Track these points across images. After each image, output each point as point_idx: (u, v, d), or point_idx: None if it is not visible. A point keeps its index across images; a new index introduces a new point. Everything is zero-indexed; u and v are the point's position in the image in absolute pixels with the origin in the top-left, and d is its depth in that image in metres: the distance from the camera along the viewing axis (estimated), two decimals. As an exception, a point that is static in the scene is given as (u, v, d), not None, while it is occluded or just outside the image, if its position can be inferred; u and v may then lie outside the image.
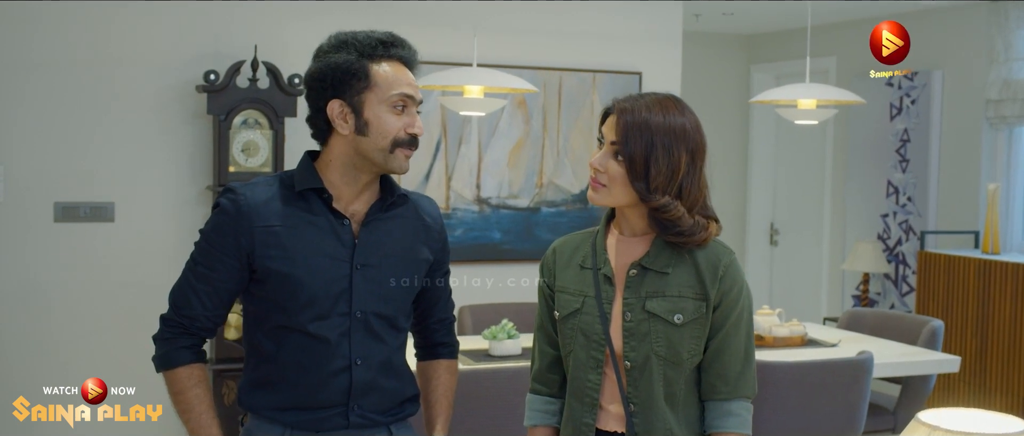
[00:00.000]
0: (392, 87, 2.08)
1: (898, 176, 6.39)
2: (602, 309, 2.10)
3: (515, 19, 5.47)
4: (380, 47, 2.11)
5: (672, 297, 2.07)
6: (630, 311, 2.08)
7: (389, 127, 2.08)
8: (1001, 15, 5.72)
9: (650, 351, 2.06)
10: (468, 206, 5.41)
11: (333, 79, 2.09)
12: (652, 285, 2.09)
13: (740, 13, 6.67)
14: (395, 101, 2.08)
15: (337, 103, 2.08)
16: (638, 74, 5.70)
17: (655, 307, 2.07)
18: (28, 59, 4.71)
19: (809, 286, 7.27)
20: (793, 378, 3.71)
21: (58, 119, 4.77)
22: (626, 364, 2.08)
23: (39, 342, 4.79)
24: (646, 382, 2.06)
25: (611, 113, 2.10)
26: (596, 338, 2.10)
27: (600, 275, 2.12)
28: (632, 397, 2.08)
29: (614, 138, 2.06)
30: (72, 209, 4.79)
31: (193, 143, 4.93)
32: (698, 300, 2.07)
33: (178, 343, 2.18)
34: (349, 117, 2.08)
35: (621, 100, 2.11)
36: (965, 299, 5.55)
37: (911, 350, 4.40)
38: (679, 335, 2.06)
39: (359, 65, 2.08)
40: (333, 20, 5.13)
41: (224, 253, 2.10)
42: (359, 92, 2.08)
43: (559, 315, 2.17)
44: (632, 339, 2.08)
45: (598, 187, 2.09)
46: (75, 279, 4.81)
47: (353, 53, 2.10)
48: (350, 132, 2.09)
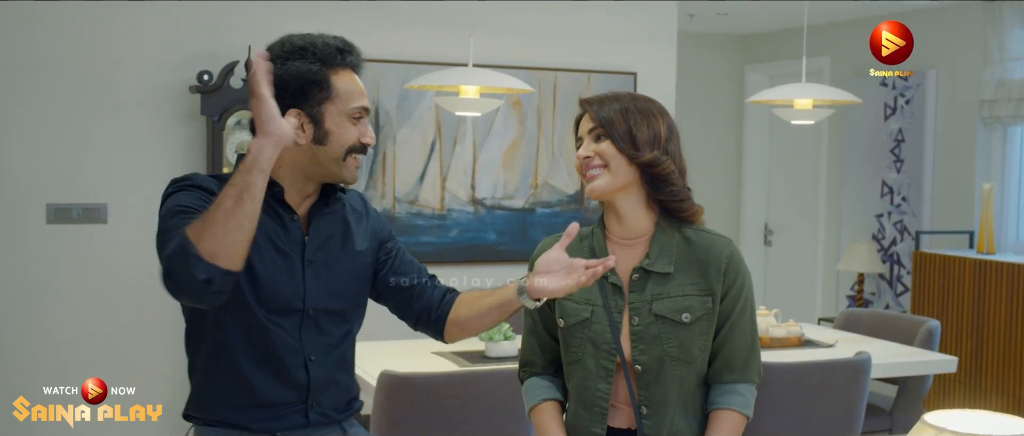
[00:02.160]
0: (352, 99, 2.07)
1: (893, 176, 6.39)
2: (611, 318, 2.08)
3: (510, 19, 5.45)
4: (339, 55, 2.08)
5: (677, 297, 2.08)
6: (637, 315, 2.08)
7: (347, 137, 2.06)
8: (996, 15, 5.72)
9: (662, 353, 2.07)
10: (463, 207, 5.39)
11: (294, 88, 2.03)
12: (656, 287, 2.09)
13: (734, 13, 6.66)
14: (354, 113, 2.07)
15: (296, 112, 2.04)
16: (633, 74, 5.69)
17: (662, 309, 2.07)
18: (20, 60, 4.68)
19: (804, 287, 7.26)
20: (791, 379, 3.70)
21: (51, 120, 4.73)
22: (636, 368, 2.07)
23: (33, 344, 4.76)
24: (659, 385, 2.07)
25: (582, 113, 2.19)
26: (607, 347, 2.09)
27: (607, 284, 2.10)
28: (644, 400, 2.08)
29: (591, 125, 2.14)
30: (65, 211, 4.76)
31: (186, 144, 4.91)
32: (704, 296, 2.09)
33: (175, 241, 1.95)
34: (308, 127, 2.05)
35: (583, 97, 2.21)
36: (960, 299, 5.55)
37: (908, 350, 4.39)
38: (689, 333, 2.07)
39: (322, 75, 2.05)
40: (327, 20, 5.11)
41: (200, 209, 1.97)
42: (320, 102, 2.04)
43: (565, 323, 2.13)
44: (641, 343, 2.07)
45: (595, 174, 2.12)
46: (69, 281, 4.79)
47: (315, 62, 2.06)
48: (308, 141, 2.05)
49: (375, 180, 5.23)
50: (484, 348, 4.06)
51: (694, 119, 7.26)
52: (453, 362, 3.92)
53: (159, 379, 4.96)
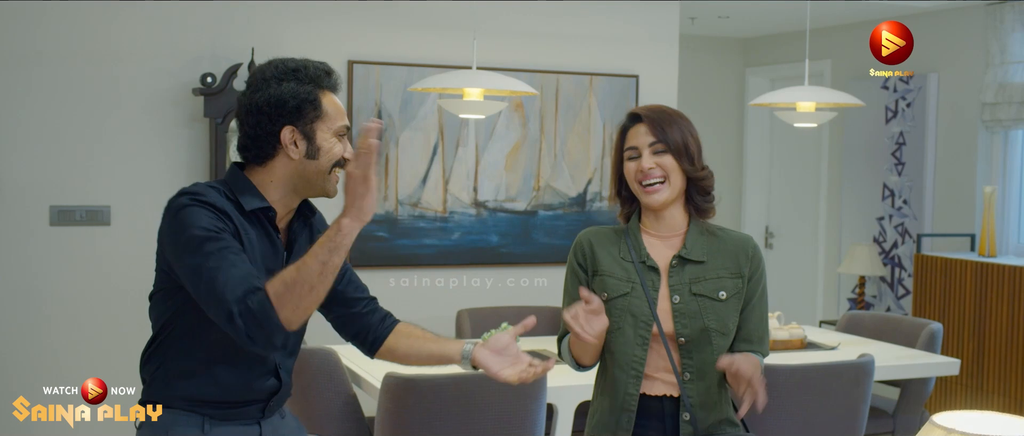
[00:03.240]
0: (338, 118, 2.24)
1: (894, 179, 6.39)
2: (648, 293, 2.43)
3: (513, 22, 5.46)
4: (326, 78, 2.25)
5: (712, 279, 2.44)
6: (678, 294, 2.43)
7: (334, 152, 2.23)
8: (996, 18, 5.73)
9: (704, 325, 2.42)
10: (465, 209, 5.39)
11: (291, 107, 2.19)
12: (692, 273, 2.45)
13: (736, 16, 6.67)
14: (340, 130, 2.25)
15: (291, 130, 2.20)
16: (635, 77, 5.70)
17: (700, 289, 2.44)
18: (24, 63, 4.69)
19: (805, 289, 7.27)
20: (794, 381, 3.70)
21: (54, 122, 4.74)
22: (680, 340, 2.42)
23: (36, 345, 4.77)
24: (702, 353, 2.41)
25: (635, 124, 2.47)
26: (644, 318, 2.42)
27: (645, 266, 2.45)
28: (687, 367, 2.42)
29: (652, 139, 2.44)
30: (68, 213, 4.77)
31: (189, 146, 4.91)
32: (735, 278, 2.46)
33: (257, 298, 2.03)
34: (301, 143, 2.21)
35: (637, 111, 2.49)
36: (962, 302, 5.56)
37: (911, 353, 4.40)
38: (725, 308, 2.43)
39: (314, 96, 2.21)
40: (330, 23, 5.13)
41: (228, 231, 2.12)
42: (312, 121, 2.21)
43: (608, 296, 2.44)
44: (683, 318, 2.42)
45: (657, 187, 2.43)
46: (72, 282, 4.79)
47: (308, 83, 2.22)
48: (300, 156, 2.21)
49: (378, 182, 5.22)
50: (487, 350, 4.06)
51: (695, 122, 7.18)
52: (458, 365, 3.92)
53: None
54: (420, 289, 5.35)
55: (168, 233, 2.16)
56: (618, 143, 2.51)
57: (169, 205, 2.18)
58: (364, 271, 5.22)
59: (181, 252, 2.11)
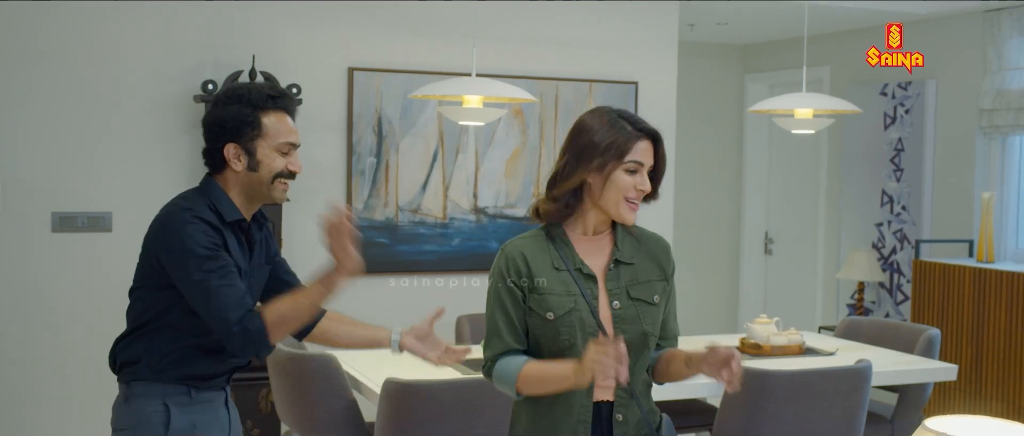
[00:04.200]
0: (280, 136, 2.56)
1: (892, 185, 6.41)
2: (590, 303, 2.36)
3: (513, 29, 5.49)
4: (269, 100, 2.57)
5: (644, 282, 2.42)
6: (617, 300, 2.38)
7: (275, 165, 2.56)
8: (994, 25, 5.76)
9: (642, 329, 2.39)
10: (465, 216, 5.42)
11: (231, 127, 2.54)
12: (627, 275, 2.40)
13: (735, 23, 6.69)
14: (282, 147, 2.57)
15: (232, 146, 2.55)
16: (634, 83, 5.73)
17: (638, 293, 2.40)
18: (25, 68, 4.71)
19: (804, 295, 7.29)
20: (792, 387, 3.72)
21: (55, 129, 4.76)
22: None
23: (37, 351, 4.79)
24: (636, 357, 2.38)
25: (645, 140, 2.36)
26: (591, 329, 2.34)
27: (581, 274, 2.37)
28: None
29: (653, 162, 2.38)
30: (70, 219, 4.79)
31: (191, 153, 4.93)
32: (662, 281, 2.45)
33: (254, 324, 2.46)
34: (242, 157, 2.55)
35: (651, 128, 2.39)
36: (960, 308, 5.57)
37: (908, 358, 4.41)
38: (657, 312, 2.42)
39: (252, 117, 2.54)
40: (331, 31, 5.15)
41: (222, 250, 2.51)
42: (252, 138, 2.54)
43: (554, 315, 2.34)
44: (623, 323, 2.37)
45: (638, 206, 2.38)
46: (73, 289, 4.81)
47: (247, 105, 2.55)
48: (243, 169, 2.56)
49: (378, 189, 5.25)
50: (487, 356, 4.08)
51: (694, 128, 7.29)
52: (456, 370, 3.94)
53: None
54: (420, 295, 5.37)
55: (165, 243, 2.53)
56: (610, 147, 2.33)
57: (168, 217, 2.56)
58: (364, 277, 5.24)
59: (182, 265, 2.48)
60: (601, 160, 2.33)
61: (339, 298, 2.74)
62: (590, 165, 2.33)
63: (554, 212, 2.39)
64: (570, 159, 2.36)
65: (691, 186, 7.32)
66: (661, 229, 5.76)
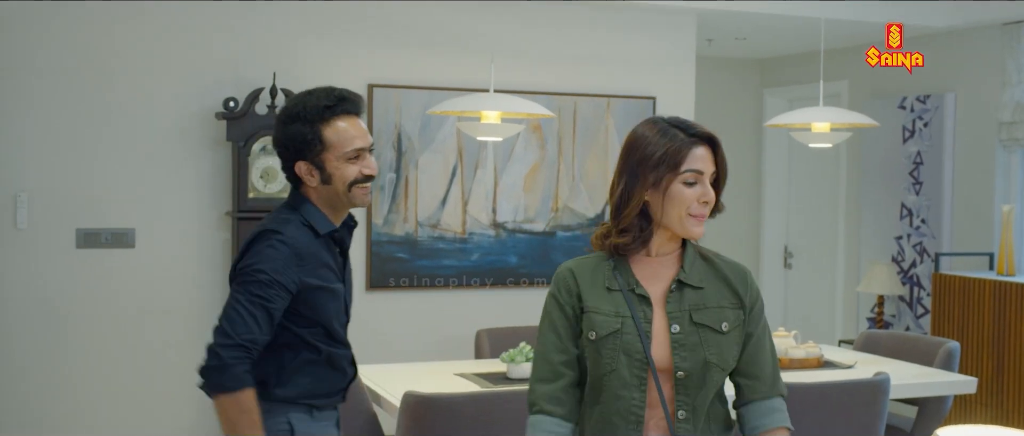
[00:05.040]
0: (344, 145, 2.53)
1: (912, 198, 6.40)
2: (641, 327, 2.15)
3: (531, 45, 5.52)
4: (326, 112, 2.53)
5: (713, 308, 2.18)
6: (677, 323, 2.16)
7: (347, 175, 2.54)
8: (1013, 38, 5.75)
9: (705, 359, 2.15)
10: (484, 230, 5.45)
11: (295, 146, 2.54)
12: (692, 299, 2.18)
13: (752, 38, 6.71)
14: (350, 155, 2.53)
15: (303, 164, 2.55)
16: (652, 99, 5.75)
17: (702, 318, 2.17)
18: (50, 87, 4.79)
19: (824, 309, 7.28)
20: (810, 400, 3.72)
21: (80, 146, 4.83)
22: (678, 374, 2.14)
23: (62, 365, 4.84)
24: (698, 389, 2.15)
25: (701, 145, 2.18)
26: (639, 356, 2.14)
27: (635, 295, 2.17)
28: (682, 404, 2.15)
29: (713, 168, 2.20)
30: (94, 235, 4.85)
31: (213, 169, 4.99)
32: (736, 308, 2.21)
33: (242, 367, 2.42)
34: (314, 173, 2.55)
35: (706, 131, 2.21)
36: (981, 321, 5.56)
37: (928, 371, 4.40)
38: (727, 342, 2.17)
39: (313, 133, 2.52)
40: (350, 48, 5.20)
41: (281, 288, 2.47)
42: (318, 154, 2.53)
43: (596, 335, 2.16)
44: (683, 350, 2.15)
45: (704, 219, 2.20)
46: (97, 304, 4.87)
47: (305, 123, 2.52)
48: (317, 183, 2.56)
49: (397, 204, 5.29)
50: (506, 369, 4.11)
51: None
52: (475, 383, 3.97)
53: (185, 399, 5.03)
54: (440, 309, 5.41)
55: (243, 250, 2.52)
56: (664, 159, 2.14)
57: (257, 236, 2.52)
58: (384, 291, 5.29)
59: (239, 273, 2.49)
60: (656, 174, 2.14)
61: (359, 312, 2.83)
62: (646, 182, 2.14)
63: (630, 243, 2.18)
64: (627, 180, 2.17)
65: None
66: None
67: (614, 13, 5.62)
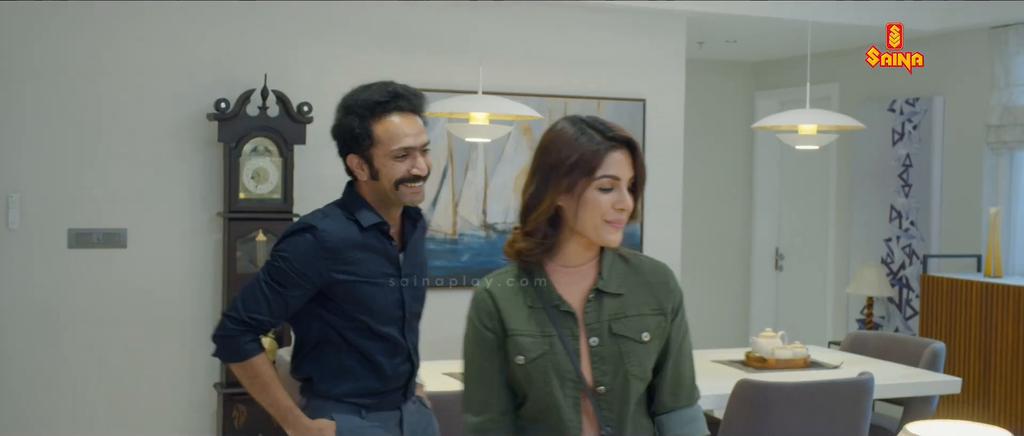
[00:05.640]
0: (392, 142, 2.54)
1: (901, 201, 6.44)
2: (569, 346, 2.04)
3: (520, 47, 5.55)
4: (377, 107, 2.55)
5: (633, 317, 2.06)
6: (596, 336, 2.05)
7: (394, 172, 2.55)
8: (1001, 41, 5.79)
9: (626, 372, 2.04)
10: (474, 231, 5.48)
11: (346, 139, 2.58)
12: (611, 308, 2.06)
13: (743, 41, 6.74)
14: (397, 153, 2.54)
15: (354, 157, 2.59)
16: (642, 101, 5.78)
17: (621, 328, 2.05)
18: (42, 88, 4.81)
19: (814, 310, 7.31)
20: (795, 399, 3.76)
21: (72, 147, 4.85)
22: (599, 389, 2.05)
23: (54, 364, 4.86)
24: (620, 404, 2.05)
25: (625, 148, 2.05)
26: (570, 376, 2.03)
27: (559, 312, 2.05)
28: (607, 420, 2.06)
29: (632, 174, 2.06)
30: (85, 235, 4.88)
31: (204, 170, 5.02)
32: (657, 315, 2.09)
33: (245, 339, 2.58)
34: (364, 167, 2.58)
35: (623, 134, 2.06)
36: (968, 322, 5.59)
37: (913, 372, 4.44)
38: (646, 352, 2.06)
39: (363, 128, 2.55)
40: (341, 50, 5.23)
41: (301, 278, 2.55)
42: (367, 148, 2.55)
43: (525, 360, 2.04)
44: (603, 364, 2.04)
45: (622, 226, 2.06)
46: (88, 303, 4.89)
47: (355, 118, 2.56)
48: (367, 178, 2.59)
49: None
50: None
51: (705, 144, 7.34)
52: (463, 383, 3.98)
53: (177, 399, 5.06)
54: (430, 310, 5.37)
55: (281, 238, 2.62)
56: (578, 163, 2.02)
57: (297, 225, 2.62)
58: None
59: (269, 257, 2.60)
60: (570, 179, 2.01)
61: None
62: (560, 186, 2.02)
63: (533, 248, 2.06)
64: (539, 183, 2.04)
65: (702, 203, 7.36)
66: (670, 246, 5.88)
67: (604, 15, 5.65)
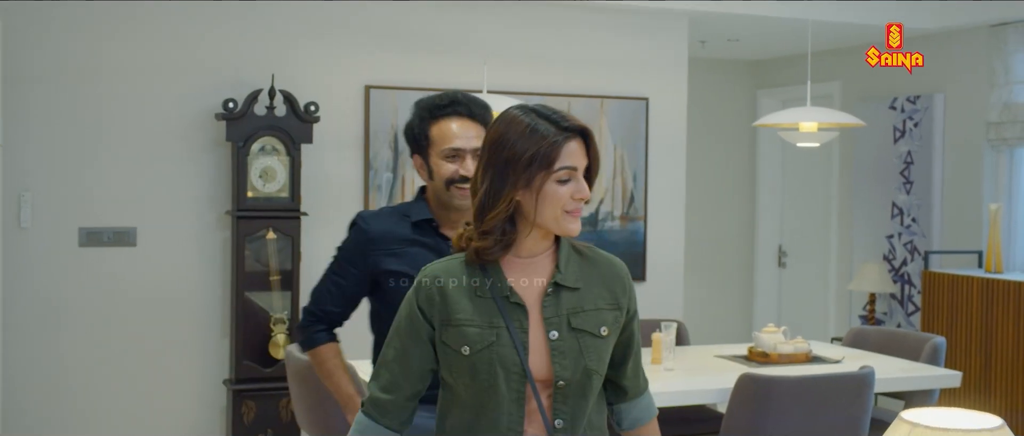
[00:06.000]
0: (443, 142, 2.69)
1: (902, 197, 6.49)
2: (517, 338, 1.99)
3: (524, 47, 5.61)
4: (436, 110, 2.72)
5: (591, 311, 2.04)
6: (556, 330, 2.01)
7: (443, 172, 2.69)
8: (1000, 39, 5.84)
9: (586, 366, 2.02)
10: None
11: (409, 139, 2.77)
12: (569, 302, 2.03)
13: (745, 40, 6.79)
14: (447, 153, 2.68)
15: (417, 158, 2.76)
16: (645, 99, 5.84)
17: (580, 323, 2.03)
18: (53, 89, 4.87)
19: (817, 307, 7.36)
20: (797, 393, 3.80)
21: (82, 147, 4.92)
22: (559, 384, 2.00)
23: (64, 361, 4.92)
24: (578, 398, 2.03)
25: (580, 137, 2.01)
26: (516, 369, 1.99)
27: (509, 303, 2.01)
28: (560, 413, 2.02)
29: (587, 162, 2.03)
30: (96, 234, 4.94)
31: (213, 169, 5.08)
32: (614, 309, 2.07)
33: (315, 329, 2.85)
34: (423, 168, 2.75)
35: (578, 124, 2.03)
36: (969, 317, 5.64)
37: (913, 366, 4.48)
38: (605, 346, 2.05)
39: (421, 128, 2.72)
40: (348, 50, 5.29)
41: (351, 265, 2.78)
42: (424, 148, 2.72)
43: (470, 350, 1.99)
44: (564, 358, 2.00)
45: (580, 215, 2.03)
46: (99, 301, 4.95)
47: (417, 119, 2.74)
48: (427, 178, 2.75)
49: (395, 201, 5.37)
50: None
51: (707, 143, 7.39)
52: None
53: (186, 395, 5.11)
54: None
55: None
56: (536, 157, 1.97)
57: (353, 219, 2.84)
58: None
59: None
60: (528, 175, 1.97)
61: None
62: (517, 183, 1.97)
63: (492, 247, 2.00)
64: (494, 179, 1.98)
65: (705, 201, 7.41)
66: (674, 244, 5.93)
67: (607, 15, 5.71)
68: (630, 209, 5.85)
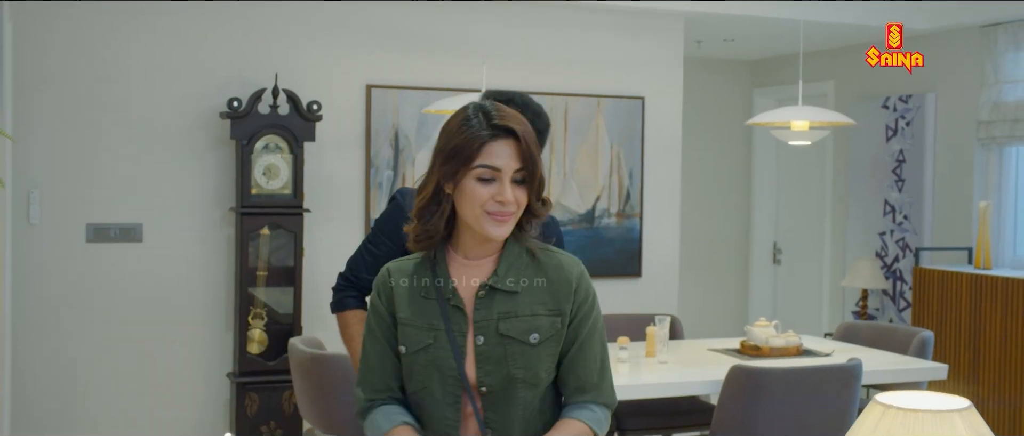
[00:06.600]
0: None
1: (895, 195, 6.59)
2: (455, 342, 1.98)
3: (523, 47, 5.70)
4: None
5: (525, 316, 1.99)
6: (483, 335, 1.98)
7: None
8: (991, 39, 5.94)
9: (509, 374, 1.97)
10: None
11: None
12: (503, 305, 1.99)
13: (740, 40, 6.88)
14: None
15: None
16: (641, 99, 5.93)
17: (509, 329, 1.98)
18: (60, 88, 4.96)
19: (811, 303, 7.46)
20: (786, 383, 3.90)
21: (90, 144, 5.00)
22: (482, 390, 1.99)
23: (72, 354, 5.02)
24: (504, 406, 1.99)
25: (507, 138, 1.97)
26: (451, 373, 1.98)
27: (450, 306, 2.00)
28: (491, 420, 2.00)
29: (518, 166, 1.97)
30: (103, 230, 5.03)
31: (217, 167, 5.17)
32: (553, 316, 2.01)
33: (346, 293, 3.05)
34: None
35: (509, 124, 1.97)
36: (958, 313, 5.74)
37: (901, 359, 4.57)
38: (536, 355, 1.98)
39: None
40: (349, 50, 5.39)
41: (385, 236, 2.97)
42: None
43: (407, 350, 2.01)
44: (487, 364, 1.98)
45: (507, 219, 1.97)
46: (106, 296, 5.04)
47: None
48: None
49: (395, 200, 5.46)
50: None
51: (703, 141, 7.48)
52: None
53: (191, 388, 5.20)
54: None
55: None
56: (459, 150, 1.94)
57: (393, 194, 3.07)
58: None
59: None
60: (451, 167, 1.95)
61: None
62: (443, 173, 1.96)
63: (419, 233, 2.00)
64: (429, 166, 2.00)
65: (701, 199, 7.51)
66: (669, 241, 6.03)
67: (604, 15, 5.80)
68: (626, 206, 5.95)
